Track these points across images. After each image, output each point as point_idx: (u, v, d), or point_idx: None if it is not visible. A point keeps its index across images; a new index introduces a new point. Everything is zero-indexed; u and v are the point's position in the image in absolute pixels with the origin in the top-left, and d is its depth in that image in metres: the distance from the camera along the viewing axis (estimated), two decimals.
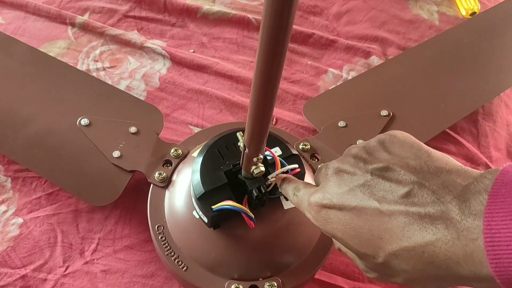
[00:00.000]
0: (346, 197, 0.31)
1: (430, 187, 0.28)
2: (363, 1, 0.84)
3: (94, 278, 0.51)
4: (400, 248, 0.27)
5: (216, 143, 0.45)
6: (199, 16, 0.78)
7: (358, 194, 0.30)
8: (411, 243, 0.27)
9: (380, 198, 0.29)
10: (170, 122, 0.64)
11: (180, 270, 0.45)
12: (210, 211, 0.41)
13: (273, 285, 0.44)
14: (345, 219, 0.30)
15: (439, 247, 0.26)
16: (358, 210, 0.30)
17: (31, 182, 0.57)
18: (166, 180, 0.51)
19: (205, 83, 0.69)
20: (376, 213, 0.29)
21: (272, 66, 0.29)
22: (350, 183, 0.31)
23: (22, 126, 0.56)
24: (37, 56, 0.63)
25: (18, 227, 0.53)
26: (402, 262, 0.28)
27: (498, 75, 0.70)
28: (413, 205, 0.27)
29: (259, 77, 0.30)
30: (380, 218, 0.28)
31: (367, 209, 0.29)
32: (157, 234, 0.47)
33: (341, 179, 0.32)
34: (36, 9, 0.75)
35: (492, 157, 0.66)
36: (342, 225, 0.31)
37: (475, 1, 0.83)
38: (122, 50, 0.72)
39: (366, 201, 0.29)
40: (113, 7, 0.77)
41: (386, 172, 0.30)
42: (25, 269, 0.50)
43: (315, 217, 0.33)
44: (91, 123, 0.56)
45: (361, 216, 0.29)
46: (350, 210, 0.30)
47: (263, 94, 0.31)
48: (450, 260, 0.25)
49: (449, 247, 0.25)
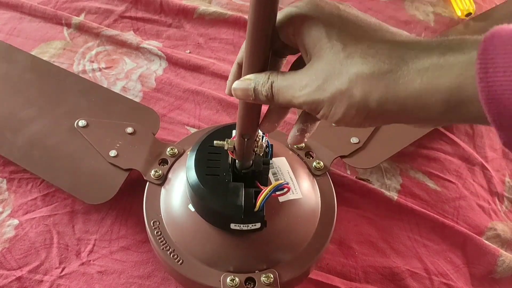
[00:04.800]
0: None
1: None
2: (359, 2, 0.84)
3: (90, 279, 0.50)
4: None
5: (210, 137, 0.45)
6: (195, 17, 0.78)
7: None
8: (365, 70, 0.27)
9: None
10: (167, 123, 0.64)
11: (176, 264, 0.45)
12: (260, 215, 0.41)
13: (270, 277, 0.44)
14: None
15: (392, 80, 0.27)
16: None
17: (27, 183, 0.56)
18: (162, 177, 0.52)
19: (201, 84, 0.69)
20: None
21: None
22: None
23: (21, 128, 0.57)
24: (37, 63, 0.64)
25: (13, 229, 0.53)
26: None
27: None
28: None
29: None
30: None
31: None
32: (153, 230, 0.48)
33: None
34: (32, 10, 0.75)
35: (488, 157, 0.66)
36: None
37: (470, 2, 0.84)
38: (118, 50, 0.72)
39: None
40: (109, 8, 0.77)
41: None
42: (21, 271, 0.50)
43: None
44: (88, 125, 0.57)
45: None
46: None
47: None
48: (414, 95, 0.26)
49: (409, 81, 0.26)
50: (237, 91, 0.33)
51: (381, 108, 0.28)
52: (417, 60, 0.26)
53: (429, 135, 0.64)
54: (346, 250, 0.55)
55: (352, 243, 0.55)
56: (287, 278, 0.45)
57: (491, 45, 0.24)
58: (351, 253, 0.55)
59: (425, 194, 0.60)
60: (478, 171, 0.64)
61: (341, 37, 0.29)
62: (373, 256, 0.55)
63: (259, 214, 0.41)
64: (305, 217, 0.48)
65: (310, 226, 0.48)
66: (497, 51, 0.23)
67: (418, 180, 0.62)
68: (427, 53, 0.26)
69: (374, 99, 0.27)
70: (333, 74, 0.28)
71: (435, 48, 0.26)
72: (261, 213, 0.41)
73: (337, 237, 0.55)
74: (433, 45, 0.27)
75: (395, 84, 0.27)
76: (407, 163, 0.63)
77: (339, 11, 0.30)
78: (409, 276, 0.54)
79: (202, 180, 0.43)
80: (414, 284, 0.53)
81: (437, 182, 0.62)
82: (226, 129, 0.45)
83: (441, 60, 0.26)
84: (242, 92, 0.32)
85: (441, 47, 0.26)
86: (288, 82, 0.30)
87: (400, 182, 0.61)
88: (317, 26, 0.29)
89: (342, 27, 0.29)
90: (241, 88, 0.32)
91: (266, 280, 0.44)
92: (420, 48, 0.27)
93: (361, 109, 0.28)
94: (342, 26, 0.29)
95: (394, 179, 0.61)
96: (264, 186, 0.42)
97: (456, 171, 0.64)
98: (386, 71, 0.27)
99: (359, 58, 0.28)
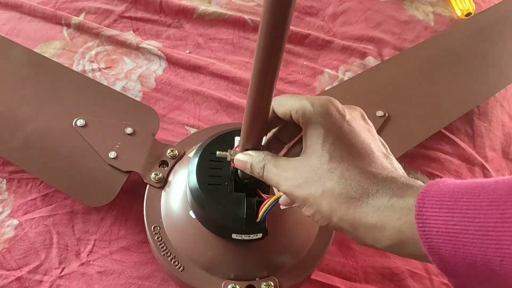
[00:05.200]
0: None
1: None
2: (359, 2, 0.84)
3: (90, 279, 0.50)
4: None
5: (212, 143, 0.45)
6: (195, 17, 0.78)
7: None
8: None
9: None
10: (166, 123, 0.64)
11: (177, 271, 0.45)
12: (261, 226, 0.40)
13: (270, 285, 0.44)
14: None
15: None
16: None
17: (27, 183, 0.56)
18: (162, 180, 0.51)
19: (201, 84, 0.69)
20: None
21: (269, 65, 0.29)
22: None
23: (18, 127, 0.56)
24: (33, 58, 0.63)
25: (13, 229, 0.53)
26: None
27: (493, 75, 0.71)
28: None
29: (257, 77, 0.31)
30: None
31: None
32: (153, 235, 0.47)
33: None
34: (31, 10, 0.75)
35: (488, 157, 0.66)
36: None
37: (470, 2, 0.84)
38: (118, 50, 0.72)
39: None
40: (108, 8, 0.77)
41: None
42: (21, 271, 0.50)
43: None
44: (87, 124, 0.56)
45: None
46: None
47: (260, 92, 0.32)
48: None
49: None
50: (238, 162, 0.37)
51: (339, 225, 0.32)
52: (375, 198, 0.30)
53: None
54: (346, 250, 0.55)
55: (352, 243, 0.55)
56: (288, 285, 0.45)
57: (424, 204, 0.28)
58: (351, 253, 0.55)
59: None
60: (478, 171, 0.64)
61: (332, 149, 0.32)
62: (373, 256, 0.55)
63: (261, 225, 0.40)
64: (306, 224, 0.47)
65: (310, 232, 0.48)
66: (430, 213, 0.27)
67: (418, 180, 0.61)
68: (384, 194, 0.30)
69: (336, 216, 0.31)
70: (312, 180, 0.32)
71: (390, 190, 0.30)
72: (263, 224, 0.40)
73: (337, 237, 0.55)
74: (391, 186, 0.30)
75: (354, 211, 0.30)
76: (407, 163, 0.63)
77: (342, 124, 0.33)
78: (409, 276, 0.54)
79: (203, 190, 0.42)
80: (414, 284, 0.53)
81: None
82: (228, 136, 0.44)
83: (389, 203, 0.30)
84: (242, 164, 0.37)
85: (395, 189, 0.30)
86: (276, 170, 0.34)
87: None
88: (319, 131, 0.33)
89: (338, 139, 0.33)
90: (242, 160, 0.37)
91: None
92: (383, 186, 0.30)
93: (325, 218, 0.32)
94: (338, 138, 0.33)
95: None
96: (266, 195, 0.41)
97: (456, 171, 0.63)
98: (352, 197, 0.31)
99: (336, 176, 0.31)
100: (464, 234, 0.26)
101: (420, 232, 0.27)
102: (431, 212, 0.27)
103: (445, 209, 0.27)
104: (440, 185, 0.28)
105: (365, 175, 0.31)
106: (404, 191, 0.30)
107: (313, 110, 0.33)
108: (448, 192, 0.27)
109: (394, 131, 0.60)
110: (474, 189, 0.27)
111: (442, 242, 0.27)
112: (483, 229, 0.25)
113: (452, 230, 0.26)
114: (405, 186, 0.30)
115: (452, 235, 0.26)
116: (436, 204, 0.27)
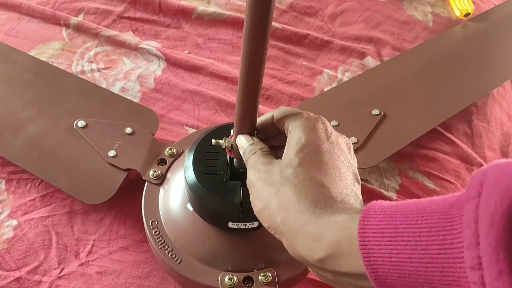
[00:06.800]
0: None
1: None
2: (358, 2, 0.85)
3: (89, 279, 0.50)
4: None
5: (209, 135, 0.45)
6: (194, 17, 0.78)
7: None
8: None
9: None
10: (165, 123, 0.64)
11: (174, 263, 0.45)
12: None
13: (268, 276, 0.44)
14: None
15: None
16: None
17: (26, 183, 0.56)
18: (160, 177, 0.52)
19: (200, 84, 0.69)
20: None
21: (259, 31, 0.31)
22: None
23: (20, 129, 0.57)
24: (35, 64, 0.65)
25: (12, 229, 0.53)
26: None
27: (488, 74, 0.72)
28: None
29: (247, 49, 0.32)
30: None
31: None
32: (151, 229, 0.48)
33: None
34: (30, 10, 0.75)
35: (487, 157, 0.66)
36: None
37: (468, 2, 0.84)
38: (117, 51, 0.72)
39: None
40: (107, 8, 0.77)
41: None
42: (20, 271, 0.50)
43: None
44: (87, 125, 0.57)
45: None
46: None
47: (252, 62, 0.33)
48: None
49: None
50: (238, 141, 0.39)
51: (280, 228, 0.33)
52: (321, 211, 0.31)
53: (427, 135, 0.64)
54: None
55: None
56: (286, 277, 0.45)
57: (366, 232, 0.28)
58: None
59: (424, 194, 0.60)
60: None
61: (305, 158, 0.34)
62: None
63: None
64: None
65: None
66: (373, 243, 0.27)
67: (417, 180, 0.62)
68: (332, 211, 0.31)
69: (281, 216, 0.33)
70: (275, 179, 0.34)
71: (339, 210, 0.31)
72: None
73: None
74: (343, 207, 0.31)
75: (298, 217, 0.32)
76: (406, 163, 0.63)
77: (324, 142, 0.35)
78: None
79: (200, 179, 0.43)
80: None
81: (435, 182, 0.62)
82: (224, 129, 0.45)
83: (332, 216, 0.30)
84: (238, 145, 0.39)
85: (344, 209, 0.31)
86: (253, 164, 0.36)
87: (399, 182, 0.61)
88: (300, 139, 0.35)
89: (314, 152, 0.34)
90: (239, 143, 0.39)
91: (264, 279, 0.44)
92: (335, 206, 0.31)
93: (271, 217, 0.33)
94: (315, 152, 0.34)
95: (393, 179, 0.61)
96: None
97: (455, 171, 0.64)
98: (302, 203, 0.32)
99: (297, 181, 0.33)
100: (408, 263, 0.26)
101: (365, 262, 0.27)
102: (374, 242, 0.27)
103: (386, 237, 0.27)
104: (376, 208, 0.28)
105: (322, 190, 0.32)
106: (351, 213, 0.30)
107: (302, 122, 0.35)
108: (385, 219, 0.27)
109: (390, 128, 0.61)
110: (410, 214, 0.27)
111: (388, 271, 0.26)
112: (426, 257, 0.25)
113: (396, 259, 0.26)
114: (353, 210, 0.31)
115: (397, 264, 0.26)
116: (378, 232, 0.27)
